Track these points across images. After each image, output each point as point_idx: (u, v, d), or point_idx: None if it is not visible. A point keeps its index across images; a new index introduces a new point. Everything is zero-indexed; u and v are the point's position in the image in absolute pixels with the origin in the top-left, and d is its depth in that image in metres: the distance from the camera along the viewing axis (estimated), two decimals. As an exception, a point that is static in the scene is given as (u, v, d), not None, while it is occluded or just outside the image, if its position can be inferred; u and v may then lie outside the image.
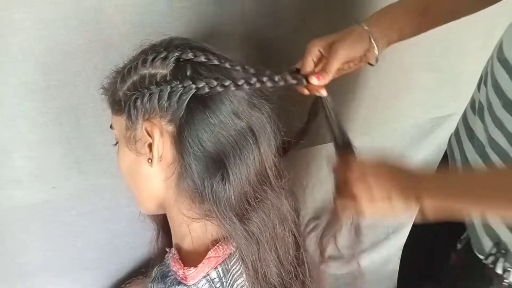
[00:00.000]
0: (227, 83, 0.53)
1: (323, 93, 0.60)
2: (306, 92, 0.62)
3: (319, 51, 0.61)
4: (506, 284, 0.62)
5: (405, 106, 1.09)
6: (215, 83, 0.52)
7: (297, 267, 0.65)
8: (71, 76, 0.73)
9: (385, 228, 1.04)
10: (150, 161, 0.55)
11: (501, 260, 0.62)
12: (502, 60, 0.61)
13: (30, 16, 0.66)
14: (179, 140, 0.53)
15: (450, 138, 0.82)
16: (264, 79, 0.56)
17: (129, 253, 1.03)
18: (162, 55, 0.54)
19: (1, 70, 0.69)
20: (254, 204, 0.57)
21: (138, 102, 0.53)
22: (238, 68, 0.57)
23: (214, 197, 0.54)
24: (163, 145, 0.54)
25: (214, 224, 0.57)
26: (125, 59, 0.73)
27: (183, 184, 0.55)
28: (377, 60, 0.62)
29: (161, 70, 0.54)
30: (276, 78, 0.57)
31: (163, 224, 0.72)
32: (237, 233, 0.55)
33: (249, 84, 0.54)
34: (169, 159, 0.55)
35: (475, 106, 0.71)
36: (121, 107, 0.56)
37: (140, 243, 1.02)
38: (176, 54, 0.54)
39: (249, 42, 0.83)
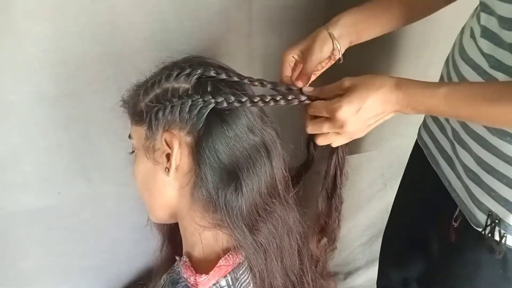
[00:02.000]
0: (244, 99, 0.56)
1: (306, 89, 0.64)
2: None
3: (293, 57, 0.66)
4: (505, 248, 0.67)
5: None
6: (233, 98, 0.56)
7: (302, 278, 0.66)
8: (83, 86, 0.76)
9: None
10: (167, 170, 0.57)
11: (496, 228, 0.67)
12: (466, 59, 0.67)
13: (49, 28, 0.69)
14: (197, 151, 0.56)
15: (419, 130, 0.88)
16: (278, 97, 0.59)
17: (128, 261, 1.05)
18: (187, 71, 0.57)
19: (17, 78, 0.72)
20: (264, 216, 0.59)
21: (160, 114, 0.56)
22: (256, 84, 0.62)
23: (227, 207, 0.56)
24: (180, 155, 0.57)
25: (225, 233, 0.59)
26: (136, 72, 0.76)
27: (198, 193, 0.57)
28: (341, 58, 0.68)
29: (184, 84, 0.57)
30: (290, 97, 0.60)
31: (168, 234, 0.74)
32: (246, 243, 0.57)
33: (264, 102, 0.58)
34: (185, 168, 0.57)
35: None
36: (142, 118, 0.58)
37: (140, 251, 1.04)
38: (199, 71, 0.57)
39: (255, 62, 0.86)
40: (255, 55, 0.86)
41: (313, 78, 0.67)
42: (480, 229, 0.69)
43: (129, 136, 0.63)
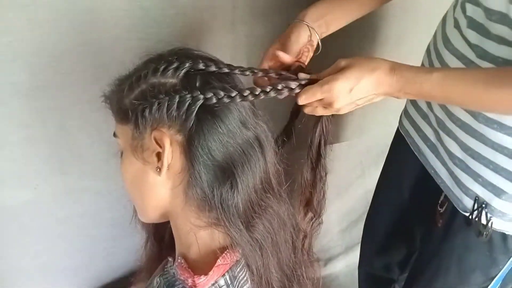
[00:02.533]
0: (233, 93, 0.54)
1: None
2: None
3: (275, 51, 0.67)
4: (491, 231, 0.70)
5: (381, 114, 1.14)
6: (222, 93, 0.53)
7: (296, 270, 0.66)
8: (60, 77, 0.72)
9: (360, 231, 1.09)
10: (158, 169, 0.55)
11: (483, 212, 0.69)
12: (451, 49, 0.69)
13: (22, 17, 0.65)
14: (189, 149, 0.53)
15: (400, 118, 0.90)
16: (268, 89, 0.58)
17: (107, 259, 1.02)
18: (174, 65, 0.54)
19: (-13, 69, 0.67)
20: (259, 212, 0.58)
21: (147, 112, 0.53)
22: (247, 73, 0.60)
23: (223, 205, 0.55)
24: (172, 154, 0.54)
25: (221, 232, 0.57)
26: (116, 62, 0.73)
27: (192, 192, 0.55)
28: (319, 45, 0.70)
29: (171, 79, 0.54)
30: (280, 87, 0.59)
31: (154, 231, 0.71)
32: (243, 240, 0.56)
33: (254, 95, 0.56)
34: (177, 167, 0.55)
35: None
36: (127, 116, 0.55)
37: (119, 249, 1.01)
38: (187, 64, 0.54)
39: (239, 51, 0.84)
40: (239, 44, 0.84)
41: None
42: (467, 214, 0.71)
43: (114, 135, 0.59)
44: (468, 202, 0.71)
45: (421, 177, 0.83)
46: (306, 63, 0.68)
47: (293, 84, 0.59)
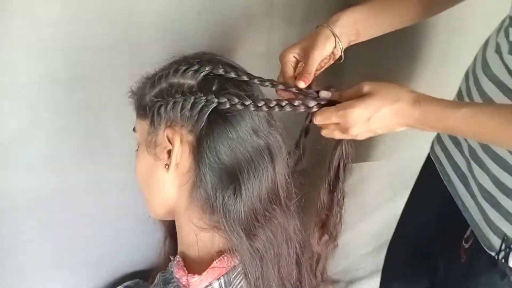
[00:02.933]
0: (247, 102, 0.55)
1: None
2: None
3: (294, 57, 0.65)
4: None
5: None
6: (236, 100, 0.54)
7: (298, 287, 0.65)
8: (96, 71, 0.75)
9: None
10: (167, 166, 0.56)
11: (511, 254, 0.64)
12: (490, 75, 0.65)
13: (65, 11, 0.68)
14: (197, 150, 0.55)
15: (432, 144, 0.85)
16: (284, 103, 0.57)
17: (131, 252, 1.04)
18: (195, 68, 0.56)
19: (30, 59, 0.71)
20: (262, 222, 0.57)
21: (162, 109, 0.55)
22: (267, 84, 0.60)
23: (224, 210, 0.55)
24: (181, 153, 0.56)
25: (221, 236, 0.57)
26: (151, 61, 0.75)
27: (196, 193, 0.56)
28: (342, 56, 0.67)
29: (190, 81, 0.56)
30: (296, 103, 0.58)
31: (172, 230, 0.72)
32: (242, 248, 0.56)
33: (268, 107, 0.56)
34: (185, 167, 0.56)
35: None
36: (145, 112, 0.58)
37: (141, 244, 1.02)
38: (207, 68, 0.56)
39: (273, 59, 0.84)
40: (274, 52, 0.83)
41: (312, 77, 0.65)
42: (493, 253, 0.67)
43: (134, 129, 0.62)
44: (496, 241, 0.66)
45: (448, 208, 0.78)
46: (317, 73, 0.66)
47: (311, 103, 0.59)
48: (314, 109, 0.59)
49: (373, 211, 1.26)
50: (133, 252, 1.04)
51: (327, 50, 0.64)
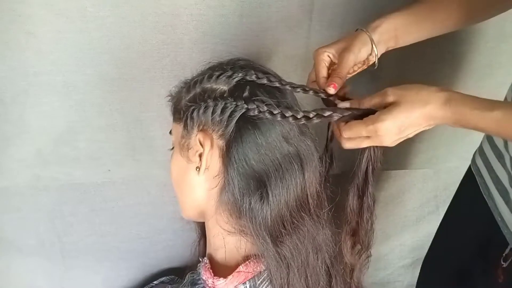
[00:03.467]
0: (276, 111, 0.55)
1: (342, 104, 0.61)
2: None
3: (328, 56, 0.64)
4: None
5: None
6: (265, 108, 0.55)
7: None
8: (141, 72, 0.79)
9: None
10: (198, 169, 0.58)
11: None
12: None
13: (112, 15, 0.72)
14: (227, 154, 0.56)
15: (474, 155, 0.81)
16: (311, 115, 0.57)
17: (165, 250, 1.06)
18: (228, 73, 0.57)
19: (80, 60, 0.76)
20: (290, 229, 0.57)
21: (195, 113, 0.57)
22: (298, 90, 0.60)
23: (251, 214, 0.56)
24: (212, 156, 0.57)
25: (248, 241, 0.58)
26: (192, 63, 0.78)
27: (224, 197, 0.57)
28: (376, 63, 0.65)
29: (222, 86, 0.57)
30: (326, 114, 0.58)
31: (206, 231, 0.74)
32: (268, 254, 0.56)
33: (295, 118, 0.56)
34: (215, 170, 0.57)
35: None
36: (180, 116, 0.60)
37: (178, 242, 1.05)
38: (240, 74, 0.57)
39: (311, 64, 0.85)
40: (312, 57, 0.84)
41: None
42: None
43: (170, 132, 0.64)
44: None
45: (488, 224, 0.74)
46: (348, 77, 0.65)
47: (336, 116, 0.58)
48: (341, 121, 0.58)
49: (413, 223, 1.21)
50: (169, 249, 1.06)
51: (362, 55, 0.63)
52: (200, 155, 0.57)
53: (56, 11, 0.71)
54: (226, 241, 0.59)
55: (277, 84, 0.58)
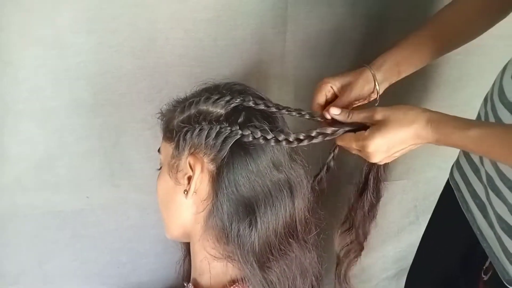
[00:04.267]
0: (269, 136, 0.55)
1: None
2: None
3: (331, 87, 0.66)
4: None
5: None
6: (259, 134, 0.55)
7: None
8: (117, 97, 0.79)
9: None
10: (186, 192, 0.57)
11: None
12: (506, 103, 0.63)
13: (90, 41, 0.73)
14: (217, 179, 0.55)
15: (452, 169, 0.82)
16: (302, 136, 0.58)
17: (148, 274, 1.05)
18: (227, 98, 0.57)
19: (58, 86, 0.76)
20: (277, 255, 0.58)
21: (188, 135, 0.56)
22: (294, 114, 0.62)
23: (239, 241, 0.55)
24: (201, 181, 0.57)
25: (234, 266, 0.58)
26: (168, 86, 0.79)
27: (212, 221, 0.57)
28: (377, 100, 0.68)
29: (219, 110, 0.57)
30: (313, 134, 0.59)
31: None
32: (255, 279, 0.56)
33: (288, 141, 0.57)
34: (203, 195, 0.57)
35: None
36: (172, 135, 0.59)
37: (161, 265, 1.04)
38: (238, 100, 0.57)
39: (287, 84, 0.87)
40: (288, 76, 0.86)
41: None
42: None
43: (158, 150, 0.64)
44: None
45: (468, 237, 0.75)
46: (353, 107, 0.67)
47: (323, 136, 0.60)
48: (334, 135, 0.61)
49: (395, 234, 1.23)
50: (152, 273, 1.05)
51: (364, 93, 0.65)
52: (189, 178, 0.57)
53: (33, 39, 0.71)
54: (212, 266, 0.58)
55: (273, 109, 0.59)
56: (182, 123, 0.58)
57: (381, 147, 0.57)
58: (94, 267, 0.99)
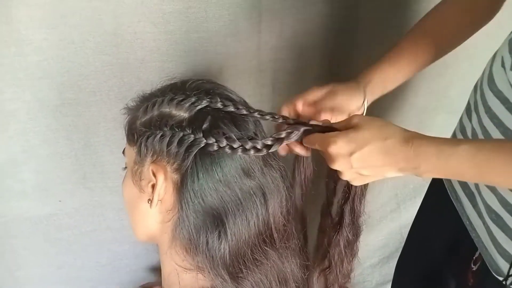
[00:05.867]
0: (236, 145, 0.51)
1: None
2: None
3: (322, 95, 0.63)
4: None
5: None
6: (224, 143, 0.50)
7: None
8: (86, 96, 0.75)
9: (392, 268, 1.02)
10: (149, 201, 0.53)
11: None
12: (495, 91, 0.61)
13: (51, 37, 0.68)
14: (181, 190, 0.51)
15: None
16: (269, 142, 0.53)
17: (130, 275, 1.02)
18: (191, 100, 0.52)
19: (18, 86, 0.71)
20: (251, 265, 0.54)
21: (149, 141, 0.52)
22: (267, 117, 0.56)
23: (208, 253, 0.52)
24: (165, 190, 0.53)
25: (205, 278, 0.55)
26: (140, 83, 0.75)
27: (179, 233, 0.53)
28: (363, 113, 0.65)
29: (182, 113, 0.52)
30: (283, 135, 0.55)
31: None
32: None
33: (257, 150, 0.52)
34: (168, 204, 0.53)
35: (466, 132, 0.72)
36: (134, 139, 0.55)
37: (141, 266, 1.01)
38: (204, 101, 0.52)
39: (264, 76, 0.83)
40: (264, 68, 0.83)
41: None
42: (501, 278, 0.63)
43: (123, 152, 0.60)
44: (504, 265, 0.62)
45: (457, 227, 0.75)
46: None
47: (294, 135, 0.55)
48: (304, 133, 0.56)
49: (377, 222, 1.23)
50: (133, 274, 1.02)
51: (350, 107, 0.62)
52: (153, 186, 0.53)
53: (-13, 37, 0.66)
54: (181, 278, 0.55)
55: (244, 112, 0.54)
56: (143, 127, 0.53)
57: (342, 150, 0.51)
58: (71, 271, 0.95)
